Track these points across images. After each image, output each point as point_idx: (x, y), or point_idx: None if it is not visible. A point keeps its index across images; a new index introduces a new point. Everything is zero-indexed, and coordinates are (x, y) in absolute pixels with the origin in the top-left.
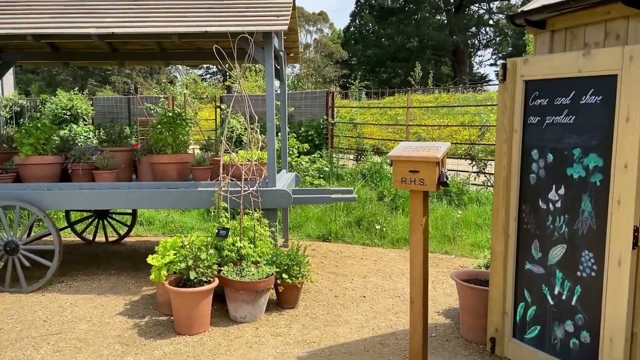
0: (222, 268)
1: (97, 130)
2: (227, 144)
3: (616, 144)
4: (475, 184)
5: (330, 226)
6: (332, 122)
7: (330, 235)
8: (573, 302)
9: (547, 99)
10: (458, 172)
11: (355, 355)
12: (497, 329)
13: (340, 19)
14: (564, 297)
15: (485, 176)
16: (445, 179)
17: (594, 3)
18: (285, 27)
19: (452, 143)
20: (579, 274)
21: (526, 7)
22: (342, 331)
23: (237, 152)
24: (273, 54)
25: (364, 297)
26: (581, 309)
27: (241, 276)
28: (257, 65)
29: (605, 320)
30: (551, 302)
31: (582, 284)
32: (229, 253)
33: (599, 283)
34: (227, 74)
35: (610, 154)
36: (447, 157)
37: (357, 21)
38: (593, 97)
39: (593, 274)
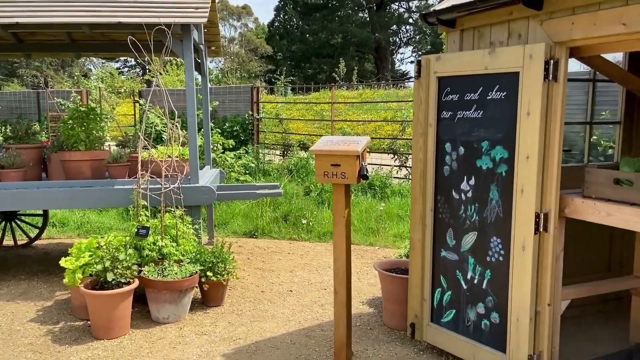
0: (142, 268)
1: (3, 127)
2: (146, 140)
3: (519, 136)
4: (397, 178)
5: (257, 222)
6: (257, 117)
7: (257, 231)
8: (484, 286)
9: (458, 95)
10: (381, 167)
11: (282, 349)
12: (416, 314)
13: (265, 13)
14: (475, 281)
15: (407, 170)
16: (365, 172)
17: (497, 4)
18: (205, 20)
19: (375, 138)
20: (488, 259)
21: (437, 7)
22: (268, 326)
23: (156, 148)
24: (192, 47)
25: (291, 291)
26: (491, 292)
27: (163, 276)
28: (178, 59)
29: (512, 301)
30: (465, 287)
31: (491, 269)
32: (150, 252)
33: (506, 267)
34: (147, 67)
35: (514, 146)
36: (372, 152)
37: (281, 16)
38: (498, 93)
39: (501, 258)
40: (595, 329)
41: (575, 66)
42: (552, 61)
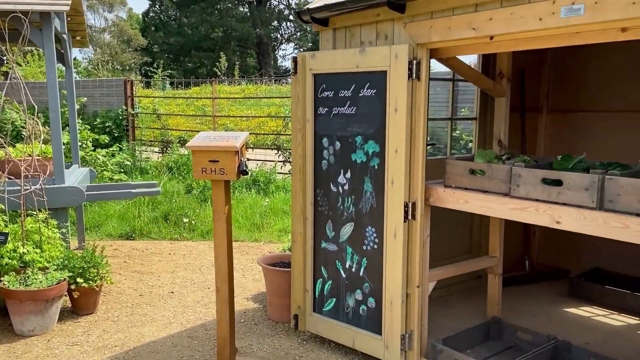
0: (2, 278)
1: None
2: (1, 137)
3: (388, 131)
4: (282, 173)
5: (134, 223)
6: (132, 112)
7: (135, 232)
8: (361, 273)
9: (333, 92)
10: (265, 162)
11: (162, 353)
12: (299, 306)
13: (139, 3)
14: (353, 269)
15: (290, 165)
16: (244, 168)
17: (365, 5)
18: (67, 8)
19: (259, 134)
20: (364, 247)
21: (311, 5)
22: (148, 330)
23: (14, 147)
24: (54, 37)
25: (172, 292)
26: (367, 279)
27: (26, 285)
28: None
29: (386, 285)
30: (344, 275)
31: (367, 256)
32: (10, 261)
33: (380, 254)
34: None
35: (384, 140)
36: (256, 148)
37: (156, 7)
38: (369, 90)
39: (375, 246)
40: (459, 307)
41: (440, 66)
42: (415, 61)
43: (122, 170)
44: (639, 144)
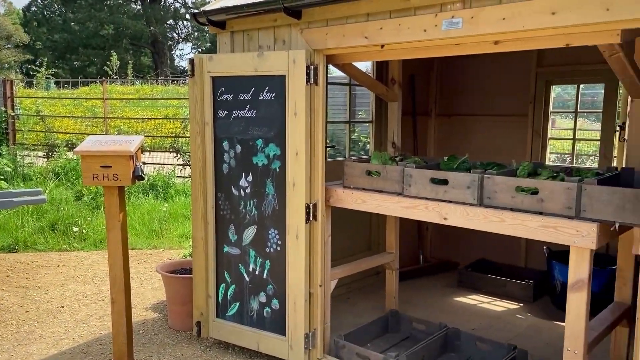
0: None
1: None
2: None
3: (289, 135)
4: (181, 177)
5: (17, 234)
6: (13, 114)
7: (18, 244)
8: (264, 276)
9: (232, 95)
10: (164, 166)
11: None
12: (202, 312)
13: None
14: (257, 272)
15: (190, 168)
16: (140, 173)
17: (262, 10)
18: None
19: (157, 137)
20: (267, 250)
21: (207, 7)
22: (36, 349)
23: None
24: None
25: (63, 307)
26: (271, 281)
27: None
28: None
29: (289, 286)
30: (247, 279)
31: (270, 259)
32: None
33: (283, 255)
34: None
35: (285, 143)
36: (153, 151)
37: (39, 0)
38: (269, 94)
39: (278, 248)
40: (360, 303)
41: (339, 71)
42: (312, 66)
43: (2, 177)
44: (514, 145)
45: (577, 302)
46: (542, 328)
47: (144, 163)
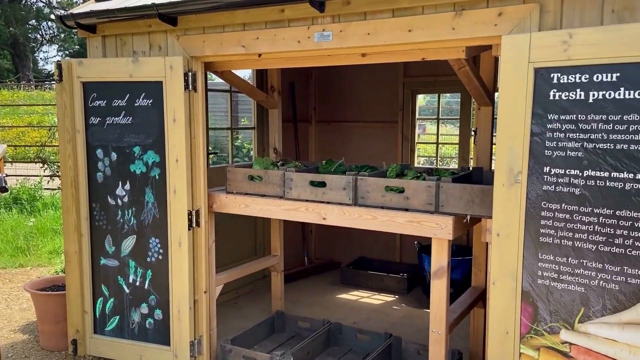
0: None
1: None
2: None
3: (168, 141)
4: (49, 189)
5: None
6: None
7: None
8: (146, 286)
9: (105, 101)
10: (28, 177)
11: None
12: (77, 329)
13: None
14: (137, 283)
15: (60, 179)
16: (3, 184)
17: (136, 16)
18: None
19: (19, 146)
20: (149, 259)
21: (76, 10)
22: None
23: None
24: None
25: None
26: (153, 291)
27: None
28: None
29: (173, 295)
30: (127, 291)
31: (152, 268)
32: None
33: (166, 264)
34: None
35: (164, 150)
36: (16, 162)
37: None
38: (145, 100)
39: (160, 257)
40: (248, 307)
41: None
42: (190, 73)
43: None
44: (386, 149)
45: (439, 287)
46: (414, 316)
47: (6, 175)
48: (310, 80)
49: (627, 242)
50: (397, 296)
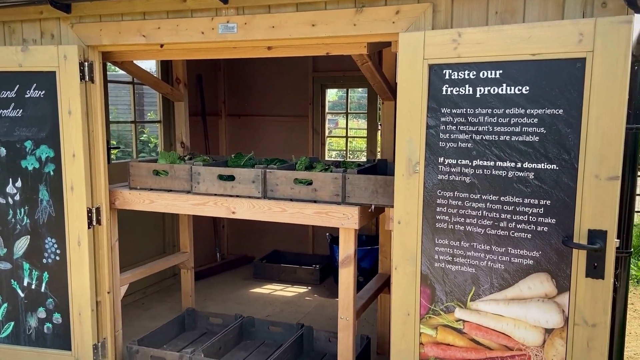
0: None
1: None
2: None
3: (63, 135)
4: None
5: None
6: None
7: None
8: (42, 289)
9: None
10: None
11: None
12: None
13: None
14: (33, 286)
15: None
16: None
17: (24, 2)
18: None
19: None
20: (45, 261)
21: None
22: None
23: None
24: None
25: None
26: (51, 294)
27: None
28: None
29: (72, 297)
30: (22, 295)
31: (49, 270)
32: None
33: (64, 265)
34: None
35: (59, 144)
36: None
37: None
38: (37, 91)
39: (57, 258)
40: (157, 307)
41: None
42: (86, 63)
43: None
44: (298, 143)
45: (346, 275)
46: (326, 306)
47: None
48: (218, 72)
49: (510, 225)
50: (309, 287)
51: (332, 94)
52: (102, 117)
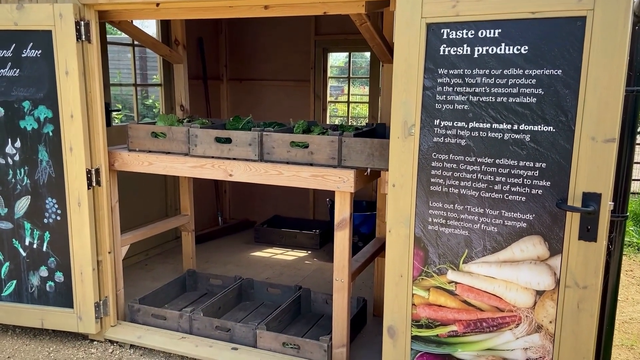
0: None
1: None
2: None
3: (61, 96)
4: None
5: None
6: None
7: None
8: (44, 249)
9: None
10: None
11: None
12: None
13: None
14: (35, 246)
15: None
16: None
17: None
18: None
19: None
20: (45, 220)
21: None
22: None
23: None
24: None
25: None
26: (53, 253)
27: None
28: None
29: (74, 256)
30: (24, 254)
31: (50, 230)
32: None
33: (65, 225)
34: None
35: (57, 105)
36: None
37: None
38: (33, 50)
39: (59, 218)
40: (159, 268)
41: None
42: (83, 22)
43: None
44: (299, 108)
45: (341, 238)
46: (325, 269)
47: None
48: (220, 36)
49: (504, 188)
50: (309, 252)
51: (339, 60)
52: (99, 78)
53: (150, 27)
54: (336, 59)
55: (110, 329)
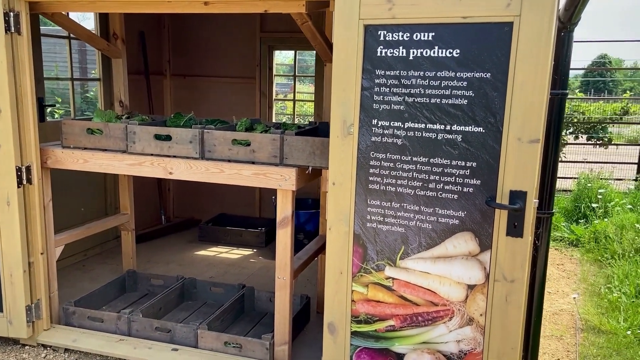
0: None
1: None
2: None
3: None
4: None
5: None
6: None
7: None
8: None
9: None
10: None
11: None
12: None
13: None
14: None
15: None
16: None
17: None
18: None
19: None
20: None
21: None
22: None
23: None
24: None
25: None
26: None
27: None
28: None
29: (2, 258)
30: None
31: None
32: None
33: None
34: None
35: None
36: None
37: None
38: None
39: None
40: (98, 269)
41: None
42: (12, 13)
43: None
44: (245, 106)
45: (283, 236)
46: (270, 267)
47: None
48: (163, 30)
49: (438, 187)
50: (255, 250)
51: (288, 58)
52: (30, 71)
53: (89, 20)
54: (285, 57)
55: (43, 332)
